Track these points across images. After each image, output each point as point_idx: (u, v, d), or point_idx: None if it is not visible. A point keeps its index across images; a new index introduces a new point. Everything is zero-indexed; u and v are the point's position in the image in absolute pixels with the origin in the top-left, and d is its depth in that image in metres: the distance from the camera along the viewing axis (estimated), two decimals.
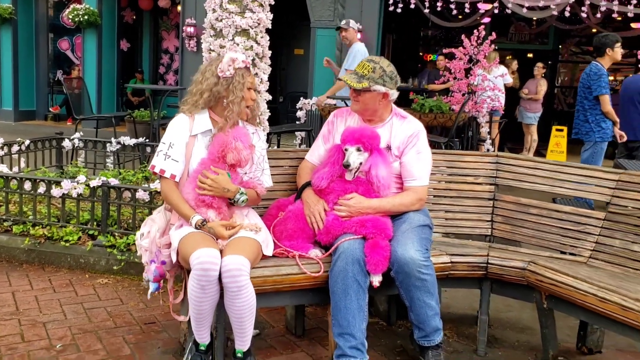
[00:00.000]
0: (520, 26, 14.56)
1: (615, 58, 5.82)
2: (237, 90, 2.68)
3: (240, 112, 2.71)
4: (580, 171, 3.19)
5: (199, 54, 10.36)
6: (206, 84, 2.73)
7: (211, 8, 4.53)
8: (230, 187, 2.60)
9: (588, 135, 5.81)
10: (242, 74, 2.71)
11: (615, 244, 2.95)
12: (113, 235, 3.88)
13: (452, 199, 3.36)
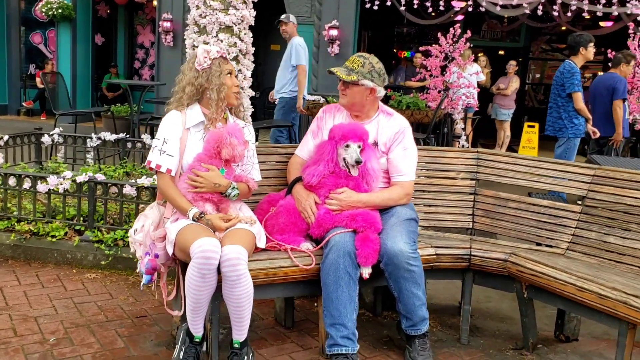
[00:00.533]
0: (493, 24, 14.84)
1: (587, 57, 6.02)
2: (216, 78, 2.75)
3: (223, 98, 2.77)
4: (557, 166, 3.34)
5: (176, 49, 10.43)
6: (187, 79, 2.81)
7: (195, 5, 4.56)
8: (222, 181, 2.66)
9: (561, 131, 6.00)
10: (219, 63, 2.80)
11: (591, 236, 3.10)
12: (100, 230, 3.90)
13: (434, 194, 3.47)
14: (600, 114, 6.42)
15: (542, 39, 16.79)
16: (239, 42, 4.57)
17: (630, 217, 2.99)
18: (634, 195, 3.00)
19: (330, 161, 2.82)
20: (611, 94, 6.33)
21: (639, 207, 2.96)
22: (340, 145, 2.82)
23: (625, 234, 2.98)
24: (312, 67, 10.26)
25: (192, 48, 4.57)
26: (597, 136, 6.21)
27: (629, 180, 3.05)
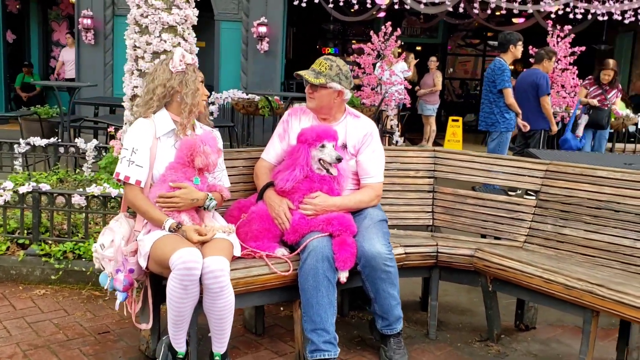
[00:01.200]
0: (412, 20, 15.23)
1: (516, 55, 6.31)
2: (191, 83, 2.68)
3: (197, 104, 2.70)
4: (511, 162, 3.48)
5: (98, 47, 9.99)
6: (159, 80, 2.70)
7: (135, 4, 4.38)
8: (198, 195, 2.59)
9: (494, 126, 6.26)
10: (194, 69, 2.74)
11: (547, 228, 3.25)
12: (47, 243, 3.67)
13: (396, 193, 3.52)
14: (525, 109, 6.72)
15: (458, 35, 17.41)
16: (183, 42, 4.43)
17: (583, 209, 3.16)
18: (585, 189, 3.18)
19: (306, 165, 2.80)
20: (535, 90, 6.66)
21: (591, 200, 3.13)
22: (314, 147, 2.80)
23: (579, 226, 3.14)
24: (241, 64, 10.16)
25: (134, 49, 4.39)
26: (527, 129, 6.51)
27: (580, 174, 3.22)
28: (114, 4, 10.03)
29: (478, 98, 17.51)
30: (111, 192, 3.60)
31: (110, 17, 10.02)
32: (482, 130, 6.51)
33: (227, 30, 10.19)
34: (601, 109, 7.20)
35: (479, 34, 17.45)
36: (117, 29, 9.94)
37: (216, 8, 10.07)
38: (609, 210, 3.08)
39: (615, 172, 3.12)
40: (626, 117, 8.13)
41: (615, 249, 3.00)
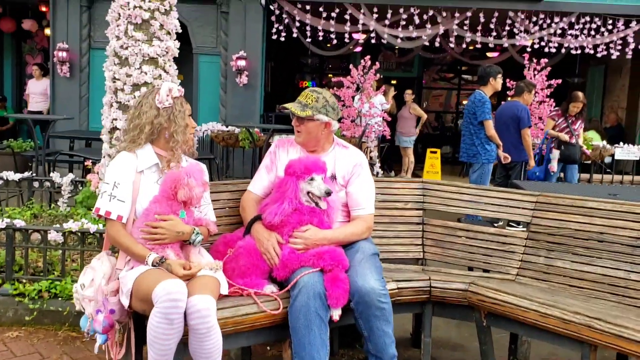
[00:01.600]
0: (388, 54, 15.42)
1: (496, 87, 6.36)
2: (179, 119, 2.61)
3: (186, 140, 2.62)
4: (501, 194, 3.43)
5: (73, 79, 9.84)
6: (145, 117, 2.61)
7: (114, 35, 4.31)
8: (184, 228, 2.49)
9: (475, 157, 6.26)
10: (181, 103, 2.67)
11: (539, 261, 3.20)
12: (20, 282, 3.50)
13: (385, 225, 3.45)
14: (506, 142, 6.75)
15: (433, 68, 17.68)
16: (164, 74, 4.37)
17: (576, 241, 3.11)
18: (577, 220, 3.14)
19: (294, 198, 2.71)
20: (517, 123, 6.70)
21: (583, 232, 3.10)
22: (303, 179, 2.72)
23: (571, 258, 3.10)
24: (220, 97, 10.11)
25: (113, 81, 4.30)
26: (508, 161, 6.53)
27: (571, 205, 3.19)
28: (90, 37, 9.94)
29: (453, 130, 17.83)
30: (90, 227, 3.46)
31: (87, 50, 9.92)
32: (464, 161, 6.51)
33: (205, 64, 10.15)
34: (573, 144, 7.24)
35: (454, 68, 17.76)
36: (94, 61, 9.84)
37: (195, 42, 10.05)
38: (600, 242, 3.04)
39: (605, 203, 3.10)
40: (603, 148, 8.23)
41: (609, 281, 2.95)
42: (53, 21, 9.94)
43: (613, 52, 10.15)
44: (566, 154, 7.24)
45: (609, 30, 10.06)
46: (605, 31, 10.08)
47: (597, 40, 10.13)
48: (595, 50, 10.24)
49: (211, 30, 10.13)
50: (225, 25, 10.02)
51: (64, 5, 9.83)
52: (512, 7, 9.98)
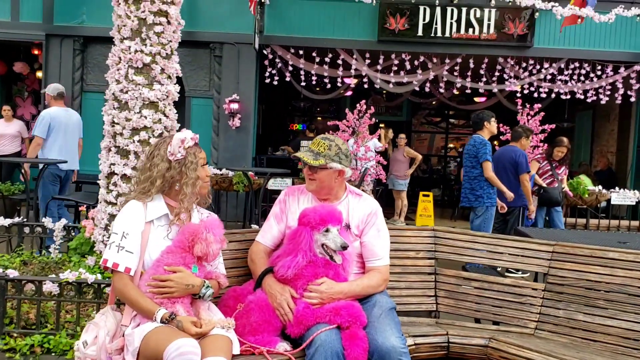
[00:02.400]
0: (377, 98, 15.52)
1: (492, 130, 6.32)
2: (191, 171, 2.49)
3: (195, 192, 2.50)
4: (516, 243, 3.33)
5: None
6: (157, 170, 2.50)
7: (115, 79, 4.23)
8: (194, 281, 2.34)
9: (478, 201, 6.15)
10: (194, 153, 2.55)
11: (559, 314, 3.07)
12: (11, 336, 3.29)
13: (396, 275, 3.31)
14: None
15: (421, 113, 17.84)
16: (164, 118, 4.28)
17: (596, 293, 3.00)
18: (596, 271, 3.04)
19: (309, 250, 2.57)
20: (515, 168, 6.64)
21: (604, 284, 2.99)
22: (318, 230, 2.60)
23: (593, 311, 2.98)
24: (212, 140, 10.03)
25: (112, 125, 4.20)
26: (504, 211, 6.43)
27: (590, 255, 3.09)
28: (83, 80, 9.86)
29: (441, 173, 17.87)
30: (87, 277, 3.29)
31: (79, 93, 9.83)
32: (466, 206, 6.40)
33: (198, 107, 10.11)
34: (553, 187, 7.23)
35: (441, 112, 17.94)
36: (86, 104, 9.74)
37: (187, 85, 10.01)
38: (623, 294, 2.93)
39: (627, 254, 3.00)
40: (599, 192, 8.21)
41: (635, 336, 2.83)
42: (45, 63, 9.87)
43: (602, 97, 10.28)
44: (546, 196, 7.20)
45: (598, 76, 10.22)
46: (595, 77, 10.23)
47: (587, 85, 10.27)
48: (585, 96, 10.37)
49: (204, 73, 10.12)
50: (219, 68, 10.02)
51: (57, 47, 9.78)
52: (501, 53, 10.12)
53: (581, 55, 10.16)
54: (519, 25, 9.92)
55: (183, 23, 4.39)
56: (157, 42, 4.19)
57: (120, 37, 4.20)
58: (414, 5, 9.64)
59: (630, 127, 11.38)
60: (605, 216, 8.82)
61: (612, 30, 10.03)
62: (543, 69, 10.20)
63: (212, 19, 9.79)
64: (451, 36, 9.88)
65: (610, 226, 8.29)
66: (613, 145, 12.37)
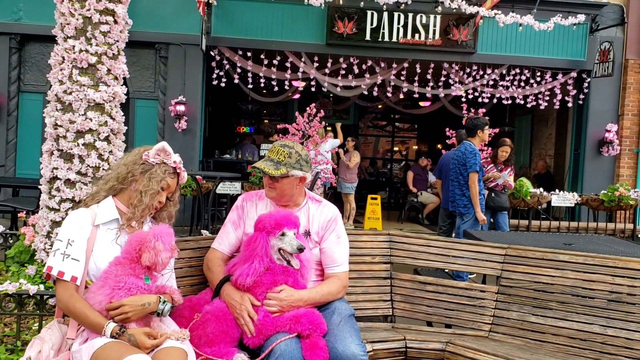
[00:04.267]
0: (325, 102, 15.57)
1: (483, 139, 6.35)
2: (154, 181, 2.39)
3: (150, 206, 2.41)
4: (469, 247, 3.36)
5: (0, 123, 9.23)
6: (125, 160, 2.43)
7: (57, 79, 4.04)
8: (149, 299, 2.24)
9: (466, 207, 6.17)
10: (165, 170, 2.45)
11: (512, 316, 3.12)
12: None
13: (354, 280, 3.28)
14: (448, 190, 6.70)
15: (368, 117, 18.02)
16: (111, 120, 4.13)
17: (548, 295, 3.06)
18: (548, 274, 3.10)
19: (265, 256, 2.51)
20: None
21: (556, 285, 3.05)
22: (274, 235, 2.54)
23: (545, 313, 3.04)
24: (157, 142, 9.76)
25: (54, 127, 4.01)
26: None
27: (541, 258, 3.15)
28: (20, 80, 9.44)
29: (387, 176, 18.09)
30: (29, 288, 3.11)
31: (15, 93, 9.40)
32: (454, 211, 6.40)
33: (142, 108, 9.85)
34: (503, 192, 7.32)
35: (387, 116, 18.17)
36: (23, 105, 9.33)
37: (131, 86, 9.74)
38: (575, 296, 3.00)
39: (577, 257, 3.08)
40: (541, 195, 8.47)
41: (586, 337, 2.90)
42: None
43: (542, 102, 10.63)
44: (497, 201, 7.23)
45: (537, 82, 10.56)
46: (534, 82, 10.57)
47: (527, 91, 10.60)
48: (525, 101, 10.70)
49: (149, 74, 9.88)
50: (164, 69, 9.80)
51: None
52: (446, 58, 10.32)
53: (521, 62, 10.48)
54: (463, 32, 10.14)
55: (130, 23, 4.24)
56: (104, 42, 4.04)
57: (63, 36, 4.02)
58: (361, 9, 9.71)
59: (567, 132, 11.82)
60: (546, 218, 9.11)
61: (551, 38, 10.39)
62: (486, 74, 10.47)
63: (157, 19, 9.57)
64: (398, 41, 10.00)
65: (551, 227, 8.56)
66: (551, 148, 12.82)
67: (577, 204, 8.93)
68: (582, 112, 11.02)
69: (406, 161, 18.55)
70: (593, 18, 10.49)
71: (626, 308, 2.85)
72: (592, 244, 4.53)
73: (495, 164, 7.47)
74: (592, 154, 10.78)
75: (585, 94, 10.74)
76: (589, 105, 10.79)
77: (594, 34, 10.50)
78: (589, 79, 10.60)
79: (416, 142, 19.02)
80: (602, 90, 10.67)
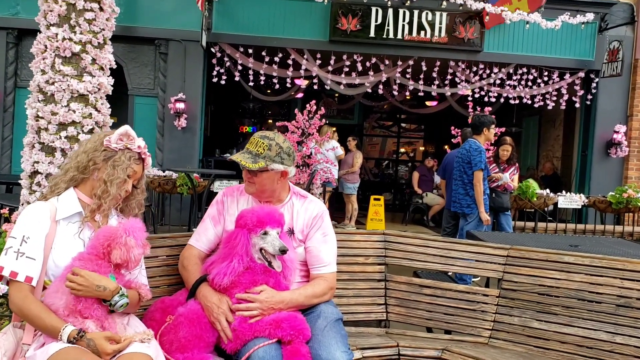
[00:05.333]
0: (329, 101, 15.39)
1: (489, 138, 6.14)
2: (119, 169, 2.19)
3: (117, 197, 2.21)
4: (469, 247, 3.16)
5: None
6: (83, 147, 2.23)
7: (40, 69, 3.88)
8: (107, 284, 2.03)
9: (470, 207, 5.95)
10: (130, 156, 2.24)
11: (513, 321, 2.91)
12: None
13: (344, 282, 3.09)
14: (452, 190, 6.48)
15: (373, 116, 17.81)
16: (95, 113, 3.95)
17: (552, 299, 2.86)
18: (552, 276, 2.89)
19: (245, 255, 2.32)
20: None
21: (560, 289, 2.84)
22: (255, 233, 2.34)
23: (549, 318, 2.83)
24: (157, 140, 9.63)
25: (36, 119, 3.85)
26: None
27: (545, 260, 2.94)
28: (17, 75, 9.31)
29: (392, 177, 17.88)
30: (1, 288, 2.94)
31: (12, 89, 9.27)
32: (457, 211, 6.19)
33: (141, 106, 9.68)
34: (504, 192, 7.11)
35: (392, 116, 17.95)
36: (20, 100, 9.18)
37: (130, 83, 9.59)
38: (581, 300, 2.79)
39: (583, 258, 2.86)
40: (547, 196, 8.24)
41: (592, 344, 2.69)
42: None
43: (549, 102, 10.39)
44: (498, 202, 7.03)
45: (545, 82, 10.33)
46: (542, 82, 10.34)
47: (534, 90, 10.37)
48: (532, 101, 10.47)
49: (148, 71, 9.71)
50: (164, 66, 9.63)
51: None
52: (452, 57, 10.10)
53: (529, 61, 10.25)
54: (470, 30, 9.93)
55: (118, 10, 4.07)
56: (88, 30, 3.87)
57: (46, 24, 3.85)
58: (365, 6, 9.51)
59: (575, 133, 11.57)
60: (552, 220, 8.87)
61: (559, 37, 10.16)
62: (493, 73, 10.24)
63: (157, 14, 9.40)
64: (403, 38, 9.79)
65: (558, 229, 8.33)
66: (558, 150, 12.58)
67: (584, 205, 8.70)
68: (590, 112, 10.77)
69: (412, 162, 18.31)
70: (602, 17, 10.24)
71: (636, 314, 2.64)
72: (599, 245, 4.31)
73: (498, 164, 7.26)
74: (600, 155, 10.53)
75: (594, 94, 10.50)
76: (597, 105, 10.55)
77: (602, 33, 10.25)
78: (597, 79, 10.35)
79: (423, 143, 18.79)
80: (611, 90, 10.42)
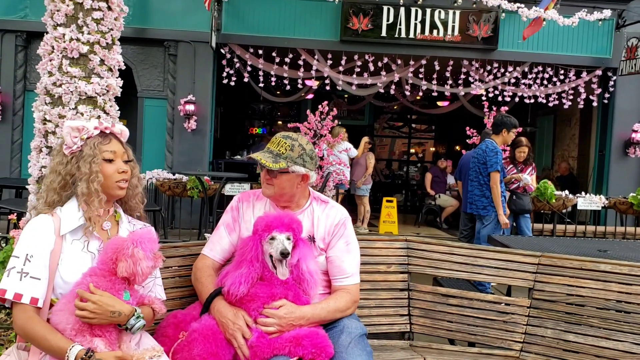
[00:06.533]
0: (339, 102, 15.23)
1: (507, 140, 5.93)
2: (86, 165, 2.01)
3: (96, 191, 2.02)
4: (498, 255, 2.98)
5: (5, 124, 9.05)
6: (51, 166, 2.08)
7: (47, 71, 3.74)
8: (122, 308, 1.88)
9: (486, 209, 5.76)
10: (94, 144, 2.06)
11: (546, 334, 2.74)
12: None
13: (366, 292, 2.93)
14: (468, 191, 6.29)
15: (384, 117, 17.62)
16: (104, 115, 3.81)
17: (588, 310, 2.68)
18: (587, 286, 2.72)
19: (255, 259, 2.16)
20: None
21: (597, 299, 2.67)
22: (264, 238, 2.19)
23: (586, 331, 2.66)
24: (167, 143, 9.52)
25: (43, 122, 3.72)
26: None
27: (579, 268, 2.77)
28: (26, 78, 9.23)
29: (403, 179, 17.68)
30: None
31: (21, 92, 9.19)
32: (473, 213, 6.00)
33: (151, 108, 9.57)
34: (525, 194, 6.91)
35: (403, 117, 17.76)
36: (29, 104, 9.10)
37: (140, 85, 9.48)
38: (619, 312, 2.62)
39: (621, 266, 2.69)
40: (566, 197, 8.04)
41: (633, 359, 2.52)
42: None
43: (565, 101, 10.18)
44: (519, 204, 6.84)
45: (560, 80, 10.12)
46: (557, 81, 10.13)
47: (550, 89, 10.16)
48: (547, 100, 10.26)
49: (158, 73, 9.61)
50: (173, 67, 9.52)
51: None
52: (466, 55, 9.92)
53: (544, 60, 10.05)
54: (483, 28, 9.74)
55: (126, 10, 3.94)
56: (96, 30, 3.73)
57: (53, 24, 3.72)
58: (377, 5, 9.35)
59: (592, 132, 11.34)
60: (570, 222, 8.67)
61: (575, 34, 9.95)
62: (507, 72, 10.05)
63: (166, 16, 9.30)
64: (415, 37, 9.62)
65: (577, 232, 8.12)
66: (574, 150, 12.35)
67: (604, 207, 8.48)
68: (607, 111, 10.54)
69: (422, 163, 18.09)
70: (620, 13, 10.02)
71: None
72: (629, 250, 4.12)
73: (515, 165, 7.07)
74: (617, 155, 10.30)
75: (611, 93, 10.28)
76: (614, 104, 10.32)
77: (620, 29, 10.03)
78: (614, 77, 10.13)
79: (433, 144, 18.59)
80: (629, 88, 10.19)
